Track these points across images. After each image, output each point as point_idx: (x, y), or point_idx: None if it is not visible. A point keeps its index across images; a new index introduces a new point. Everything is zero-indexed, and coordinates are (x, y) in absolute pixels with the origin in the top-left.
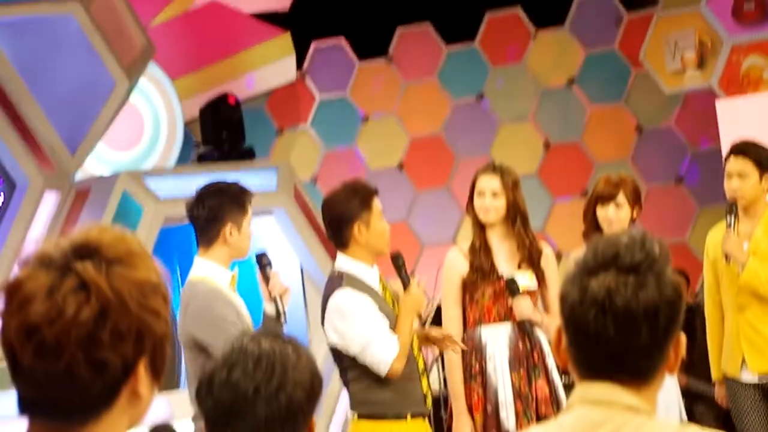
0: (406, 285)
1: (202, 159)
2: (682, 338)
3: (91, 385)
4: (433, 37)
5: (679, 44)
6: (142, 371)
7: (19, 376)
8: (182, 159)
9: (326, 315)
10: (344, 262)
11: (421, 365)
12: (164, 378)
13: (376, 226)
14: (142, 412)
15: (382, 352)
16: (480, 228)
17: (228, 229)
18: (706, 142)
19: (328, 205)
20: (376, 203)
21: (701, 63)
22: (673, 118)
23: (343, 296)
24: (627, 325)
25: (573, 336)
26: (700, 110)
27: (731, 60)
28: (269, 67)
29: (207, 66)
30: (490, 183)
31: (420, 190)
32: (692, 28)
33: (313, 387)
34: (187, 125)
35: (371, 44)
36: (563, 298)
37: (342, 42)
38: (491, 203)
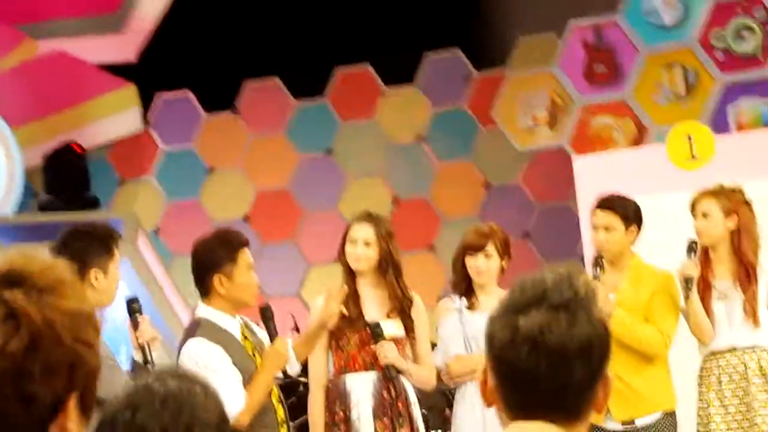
0: (272, 338)
1: (44, 208)
2: (609, 377)
3: (20, 421)
4: (282, 91)
5: (532, 103)
6: (72, 407)
7: None
8: (22, 208)
9: (179, 363)
10: (204, 309)
11: (281, 414)
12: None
13: (240, 279)
14: None
15: (227, 405)
16: (350, 275)
17: (93, 274)
18: (553, 199)
19: (194, 251)
20: (244, 256)
21: (553, 122)
22: (521, 176)
23: (194, 346)
24: (561, 362)
25: (503, 375)
26: (548, 168)
27: (582, 119)
28: (113, 118)
29: (50, 115)
30: (363, 232)
31: (266, 243)
32: (544, 87)
33: (222, 428)
34: (28, 174)
35: (218, 97)
36: (490, 338)
37: (188, 94)
38: (363, 252)
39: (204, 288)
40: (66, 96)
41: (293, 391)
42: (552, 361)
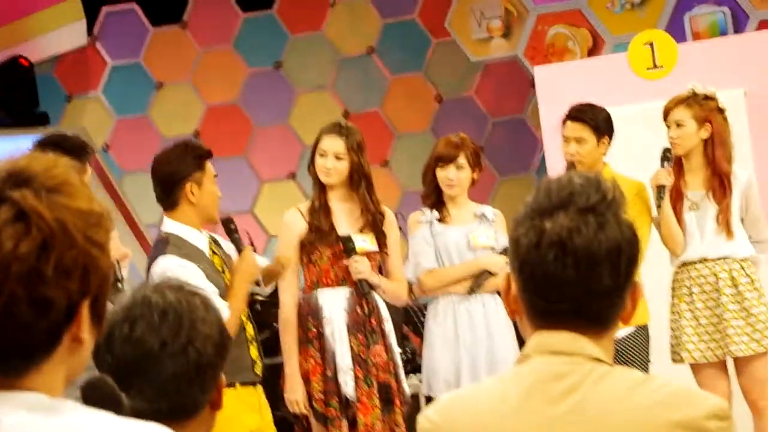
0: (239, 249)
1: None
2: (639, 285)
3: (33, 328)
4: (230, 3)
5: (485, 13)
6: (85, 314)
7: None
8: None
9: (149, 281)
10: (171, 225)
11: (250, 332)
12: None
13: (209, 188)
14: (83, 362)
15: None
16: (321, 189)
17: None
18: (507, 111)
19: (159, 163)
20: (209, 165)
21: (507, 32)
22: (474, 88)
23: (166, 264)
24: (588, 266)
25: (529, 281)
26: (503, 80)
27: (537, 29)
28: (59, 31)
29: None
30: (333, 144)
31: (217, 159)
32: None
33: (223, 342)
34: None
35: (165, 10)
36: (514, 242)
37: (134, 7)
38: (334, 165)
39: (172, 200)
40: (9, 9)
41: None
42: (579, 265)
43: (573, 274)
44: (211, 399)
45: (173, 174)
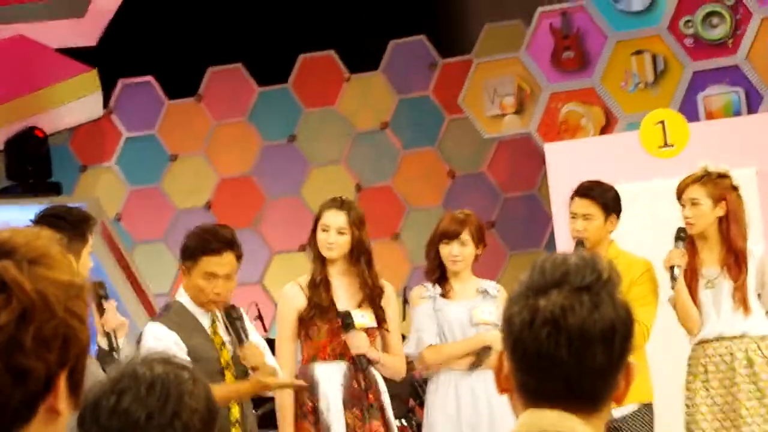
0: (240, 341)
1: (5, 193)
2: (632, 366)
3: (10, 398)
4: (245, 77)
5: (498, 90)
6: (63, 385)
7: None
8: None
9: (140, 344)
10: (181, 293)
11: (235, 414)
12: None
13: (195, 281)
14: None
15: None
16: (321, 263)
17: (73, 262)
18: (519, 186)
19: (188, 234)
20: (206, 261)
21: (520, 109)
22: (487, 164)
23: (150, 329)
24: (582, 345)
25: (520, 359)
26: (515, 156)
27: (550, 107)
28: (75, 103)
29: (9, 100)
30: (335, 219)
31: None
32: (511, 74)
33: (211, 416)
34: None
35: (181, 84)
36: (507, 320)
37: (151, 80)
38: (336, 239)
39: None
40: (27, 81)
41: None
42: (573, 345)
43: (566, 353)
44: None
45: (181, 250)
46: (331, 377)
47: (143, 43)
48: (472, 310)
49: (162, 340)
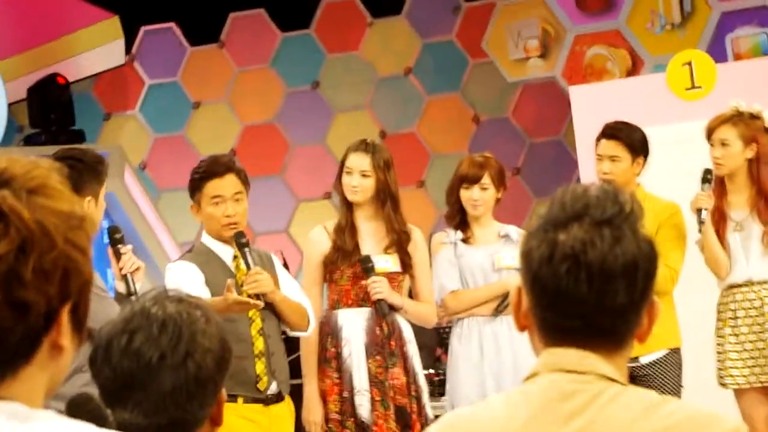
0: (247, 266)
1: (28, 141)
2: (656, 302)
3: (10, 332)
4: (267, 23)
5: (522, 33)
6: (65, 320)
7: None
8: (5, 143)
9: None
10: (204, 234)
11: (259, 347)
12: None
13: (205, 210)
14: (64, 370)
15: None
16: (347, 207)
17: (86, 201)
18: (544, 131)
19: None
20: (210, 186)
21: (544, 52)
22: (511, 109)
23: (169, 268)
24: (603, 281)
25: (539, 296)
26: (540, 101)
27: (575, 49)
28: (97, 51)
29: (33, 48)
30: (360, 162)
31: (252, 177)
32: (535, 17)
33: (224, 355)
34: (12, 108)
35: (203, 30)
36: (526, 254)
37: (173, 27)
38: (360, 183)
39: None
40: (48, 28)
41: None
42: (593, 280)
43: (586, 290)
44: (211, 414)
45: (189, 188)
46: (353, 323)
47: None
48: (494, 255)
49: (180, 273)
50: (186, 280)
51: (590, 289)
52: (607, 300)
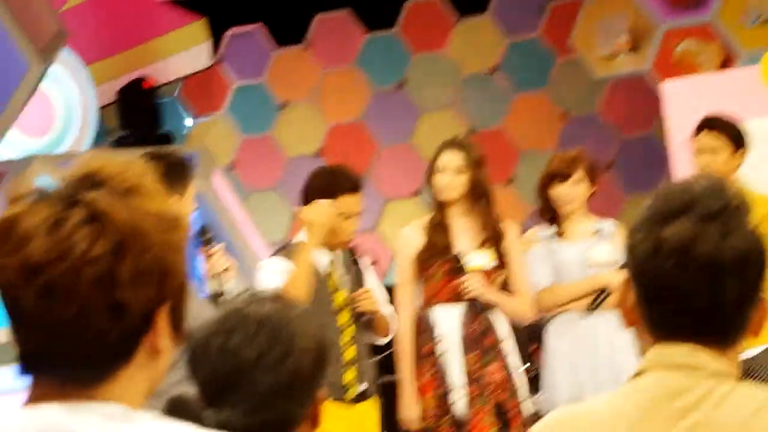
0: (359, 284)
1: (117, 144)
2: (766, 300)
3: (108, 334)
4: (353, 23)
5: (611, 29)
6: (163, 321)
7: (20, 326)
8: (96, 145)
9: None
10: (302, 234)
11: (350, 354)
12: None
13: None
14: (162, 371)
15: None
16: (439, 205)
17: (173, 200)
18: (634, 127)
19: (314, 175)
20: (341, 202)
21: (633, 47)
22: (601, 105)
23: (264, 263)
24: (711, 277)
25: (645, 292)
26: (630, 96)
27: (664, 44)
28: (184, 53)
29: (121, 51)
30: (452, 159)
31: None
32: (624, 12)
33: (322, 356)
34: (101, 111)
35: (289, 31)
36: (631, 249)
37: (259, 29)
38: (453, 180)
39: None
40: (136, 32)
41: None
42: (701, 275)
43: (694, 285)
44: (308, 414)
45: (309, 191)
46: (448, 320)
47: None
48: (588, 250)
49: (274, 270)
50: (281, 276)
51: (698, 285)
52: (716, 295)
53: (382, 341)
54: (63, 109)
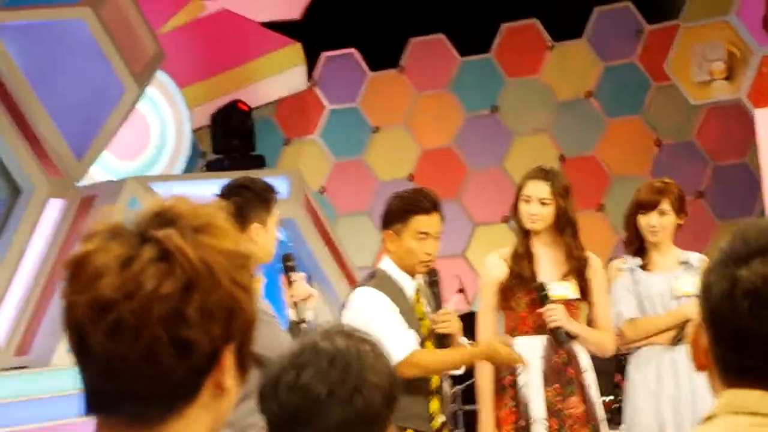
0: (438, 304)
1: (210, 167)
2: None
3: (174, 372)
4: (447, 47)
5: (707, 55)
6: (229, 360)
7: (87, 364)
8: (189, 168)
9: (344, 311)
10: (385, 262)
11: (434, 383)
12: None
13: (406, 242)
14: (227, 411)
15: (393, 348)
16: (524, 234)
17: (254, 228)
18: (729, 155)
19: (391, 199)
20: (418, 221)
21: (730, 74)
22: (695, 132)
23: (361, 293)
24: None
25: (719, 334)
26: (725, 123)
27: (761, 71)
28: (279, 77)
29: (216, 74)
30: (538, 189)
31: None
32: (720, 38)
33: (392, 391)
34: (195, 134)
35: (383, 55)
36: (705, 290)
37: (353, 53)
38: (539, 210)
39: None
40: (232, 55)
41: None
42: None
43: None
44: None
45: (383, 217)
46: (530, 351)
47: (346, 15)
48: (674, 282)
49: (374, 302)
50: (386, 312)
51: None
52: None
53: (459, 371)
54: (157, 132)
